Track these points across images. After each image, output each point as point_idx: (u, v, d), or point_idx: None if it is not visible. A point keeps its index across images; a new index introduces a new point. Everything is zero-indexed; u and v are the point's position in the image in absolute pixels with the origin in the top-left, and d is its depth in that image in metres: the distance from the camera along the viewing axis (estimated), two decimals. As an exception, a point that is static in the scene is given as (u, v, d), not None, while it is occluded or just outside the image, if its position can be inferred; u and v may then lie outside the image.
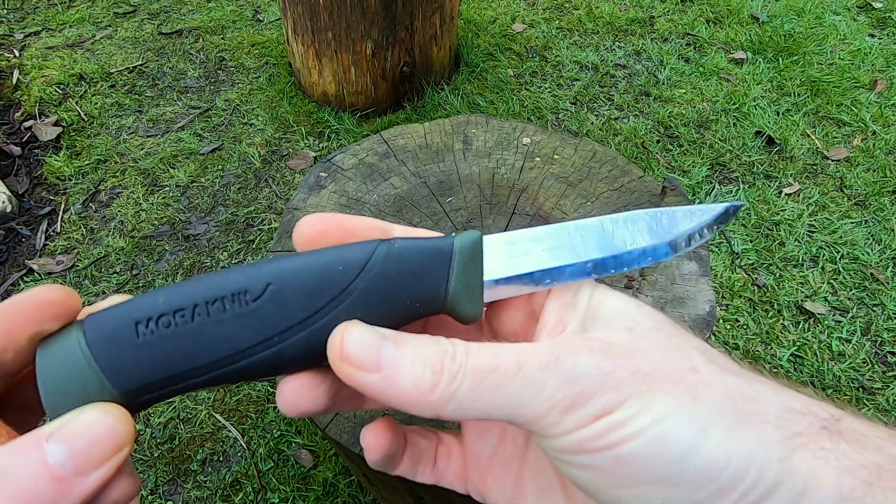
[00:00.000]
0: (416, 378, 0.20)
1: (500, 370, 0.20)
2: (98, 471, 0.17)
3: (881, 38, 2.04)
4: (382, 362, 0.20)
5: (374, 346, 0.21)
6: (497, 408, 0.20)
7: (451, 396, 0.20)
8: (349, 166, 0.76)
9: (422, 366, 0.20)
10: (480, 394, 0.20)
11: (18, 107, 1.80)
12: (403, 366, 0.20)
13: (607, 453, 0.20)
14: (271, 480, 1.05)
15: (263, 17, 2.16)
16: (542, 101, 1.78)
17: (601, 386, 0.20)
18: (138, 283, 1.37)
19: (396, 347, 0.21)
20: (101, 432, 0.17)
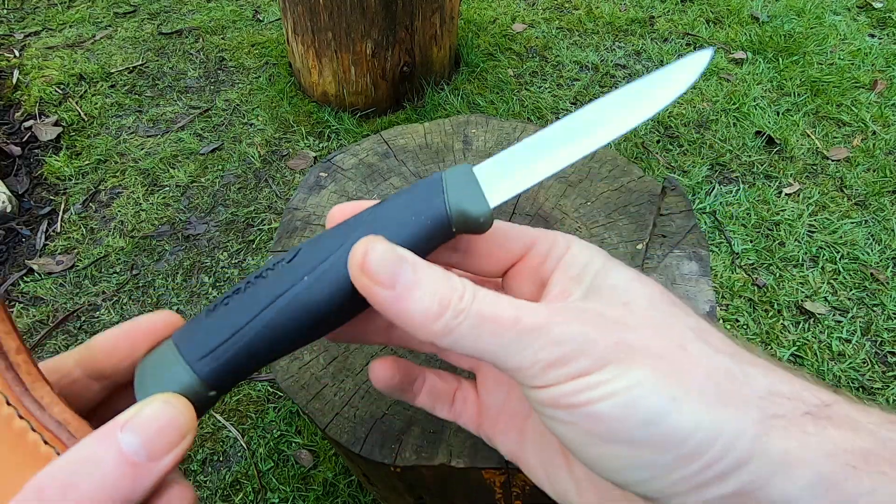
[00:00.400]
0: (423, 306, 0.22)
1: (499, 321, 0.22)
2: (167, 456, 0.19)
3: (881, 38, 2.04)
4: (398, 282, 0.22)
5: (392, 265, 0.22)
6: (487, 352, 0.22)
7: (450, 331, 0.22)
8: (349, 166, 0.76)
9: (431, 296, 0.22)
10: (476, 336, 0.22)
11: (18, 107, 1.80)
12: (415, 291, 0.22)
13: (581, 410, 0.21)
14: (271, 480, 1.06)
15: (263, 17, 2.16)
16: (542, 101, 1.78)
17: (583, 351, 0.22)
18: (138, 283, 1.37)
19: (413, 272, 0.22)
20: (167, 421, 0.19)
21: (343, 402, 0.55)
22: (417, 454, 0.51)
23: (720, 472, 0.20)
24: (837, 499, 0.19)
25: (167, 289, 1.35)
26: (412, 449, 0.51)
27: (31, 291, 1.35)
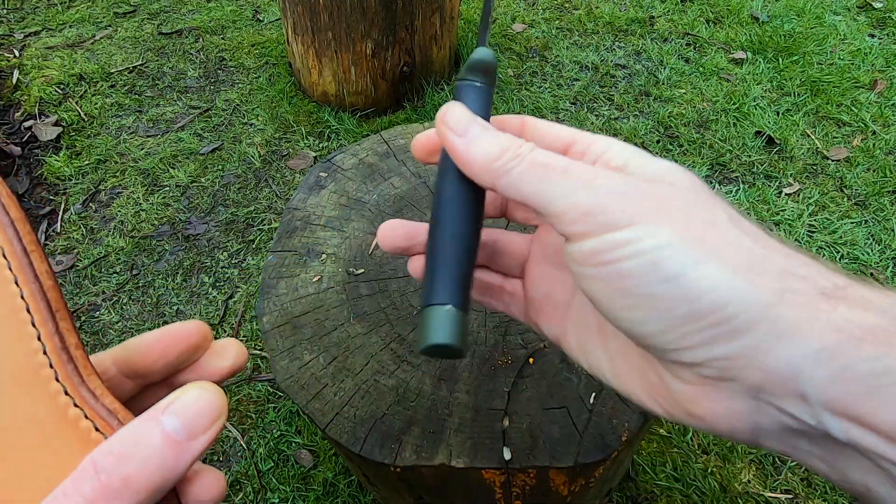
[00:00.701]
0: (487, 148, 0.27)
1: (550, 167, 0.26)
2: (204, 435, 0.21)
3: (881, 38, 2.04)
4: (469, 132, 0.28)
5: (465, 121, 0.28)
6: (536, 194, 0.26)
7: (506, 171, 0.26)
8: (349, 166, 0.76)
9: (494, 142, 0.27)
10: (528, 178, 0.26)
11: (18, 107, 1.80)
12: (481, 139, 0.27)
13: (610, 267, 0.24)
14: (271, 480, 1.05)
15: (263, 17, 2.16)
16: (542, 101, 1.78)
17: (620, 206, 0.24)
18: (138, 283, 1.37)
19: (481, 128, 0.28)
20: (204, 405, 0.21)
21: (343, 402, 0.55)
22: (417, 454, 0.51)
23: (728, 330, 0.22)
24: (838, 365, 0.21)
25: (167, 289, 1.35)
26: (412, 449, 0.51)
27: (31, 291, 1.35)
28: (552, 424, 0.52)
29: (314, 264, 0.66)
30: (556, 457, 0.50)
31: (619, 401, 0.53)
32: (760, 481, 1.03)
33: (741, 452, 1.06)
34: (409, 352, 0.58)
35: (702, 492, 1.01)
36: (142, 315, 1.31)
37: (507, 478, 0.53)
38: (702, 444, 1.07)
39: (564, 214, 0.25)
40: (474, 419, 0.53)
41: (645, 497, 1.01)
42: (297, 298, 0.63)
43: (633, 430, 0.51)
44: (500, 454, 0.51)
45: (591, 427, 0.52)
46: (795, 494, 1.01)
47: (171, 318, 1.30)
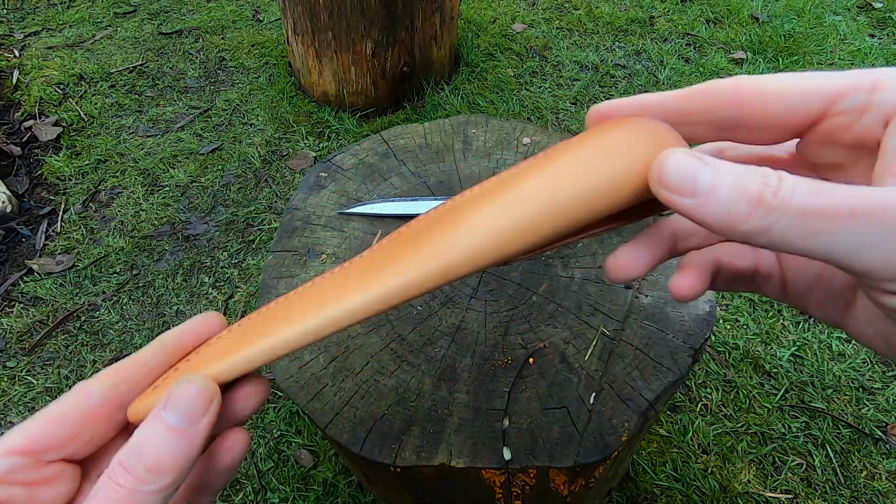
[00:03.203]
0: (730, 207, 0.20)
1: (826, 215, 0.18)
2: (204, 418, 0.24)
3: (881, 39, 2.04)
4: (698, 189, 0.20)
5: (691, 172, 0.21)
6: (818, 253, 0.19)
7: (764, 230, 0.19)
8: (349, 166, 0.76)
9: (738, 195, 0.20)
10: (797, 235, 0.19)
11: (18, 107, 1.80)
12: (716, 195, 0.20)
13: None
14: (271, 480, 1.05)
15: (263, 17, 2.16)
16: (542, 101, 1.78)
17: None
18: (138, 283, 1.37)
19: (714, 175, 0.20)
20: (193, 394, 0.24)
21: (343, 402, 0.55)
22: (417, 454, 0.51)
23: None
24: None
25: (167, 289, 1.35)
26: (412, 449, 0.51)
27: (31, 291, 1.35)
28: (552, 424, 0.52)
29: (314, 264, 0.66)
30: (556, 457, 0.50)
31: (619, 400, 0.53)
32: (760, 481, 1.03)
33: (741, 452, 1.06)
34: (409, 352, 0.58)
35: (702, 492, 1.01)
36: (142, 315, 1.31)
37: (507, 478, 0.53)
38: (702, 444, 1.07)
39: (872, 271, 0.19)
40: (474, 419, 0.53)
41: (645, 497, 1.01)
42: (297, 298, 0.62)
43: (633, 430, 0.51)
44: (500, 454, 0.51)
45: (591, 427, 0.52)
46: (795, 494, 1.01)
47: (171, 317, 1.30)
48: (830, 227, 0.18)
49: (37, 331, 1.28)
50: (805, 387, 1.15)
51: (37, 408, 1.16)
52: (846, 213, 0.18)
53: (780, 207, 0.19)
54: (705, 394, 1.14)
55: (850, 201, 0.18)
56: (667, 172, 0.21)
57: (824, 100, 0.22)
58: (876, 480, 1.03)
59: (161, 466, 0.23)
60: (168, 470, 0.23)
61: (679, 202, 0.21)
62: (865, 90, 0.21)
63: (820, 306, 0.27)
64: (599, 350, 0.57)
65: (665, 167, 0.21)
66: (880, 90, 0.21)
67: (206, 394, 0.25)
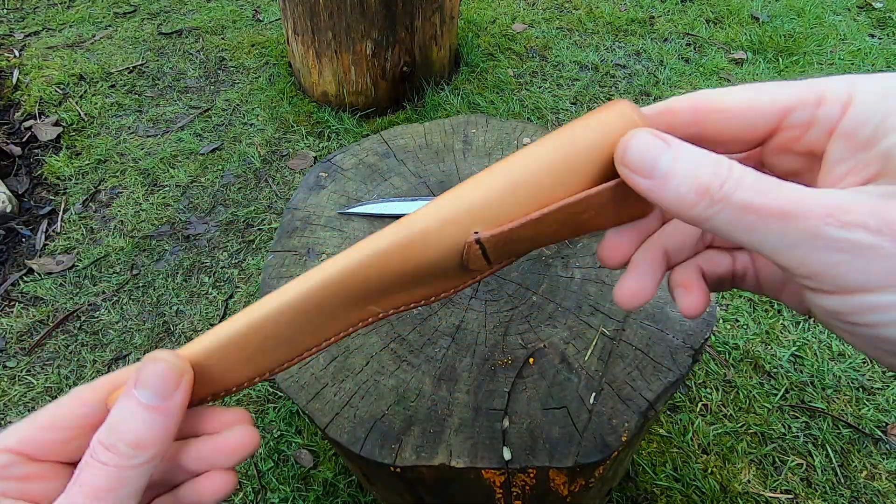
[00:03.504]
0: (680, 194, 0.21)
1: (761, 213, 0.20)
2: (177, 392, 0.25)
3: (881, 39, 2.04)
4: (655, 172, 0.22)
5: (651, 155, 0.22)
6: (751, 244, 0.21)
7: (707, 219, 0.21)
8: (349, 166, 0.76)
9: (688, 184, 0.21)
10: (735, 228, 0.21)
11: (18, 107, 1.80)
12: (671, 180, 0.22)
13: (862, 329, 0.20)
14: (271, 480, 1.05)
15: (263, 17, 2.16)
16: (542, 101, 1.78)
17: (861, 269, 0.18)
18: (138, 283, 1.37)
19: (673, 161, 0.22)
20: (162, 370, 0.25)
21: (343, 402, 0.55)
22: (417, 454, 0.51)
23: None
24: None
25: (167, 289, 1.35)
26: (412, 449, 0.51)
27: (31, 291, 1.35)
28: (552, 424, 0.52)
29: (314, 264, 0.66)
30: (555, 457, 0.50)
31: (619, 400, 0.53)
32: (760, 481, 1.03)
33: (741, 452, 1.06)
34: (409, 352, 0.58)
35: (702, 492, 1.01)
36: (142, 315, 1.31)
37: (507, 478, 0.53)
38: (702, 444, 1.07)
39: (791, 269, 0.20)
40: (474, 419, 0.53)
41: (645, 497, 1.01)
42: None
43: (633, 430, 0.51)
44: (500, 454, 0.51)
45: (591, 427, 0.52)
46: (795, 494, 1.01)
47: (171, 317, 1.30)
48: (762, 225, 0.20)
49: (37, 331, 1.28)
50: (805, 387, 1.15)
51: (37, 408, 1.16)
52: (777, 214, 0.19)
53: (723, 200, 0.20)
54: (705, 394, 1.14)
55: (781, 202, 0.19)
56: (630, 153, 0.23)
57: (773, 116, 0.23)
58: (876, 480, 1.03)
59: (142, 442, 0.24)
60: (150, 444, 0.24)
61: (637, 182, 0.23)
62: (811, 105, 0.23)
63: (792, 298, 0.28)
64: (599, 350, 0.57)
65: (629, 147, 0.23)
66: (823, 105, 0.22)
67: (174, 369, 0.25)
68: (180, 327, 1.29)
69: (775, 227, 0.20)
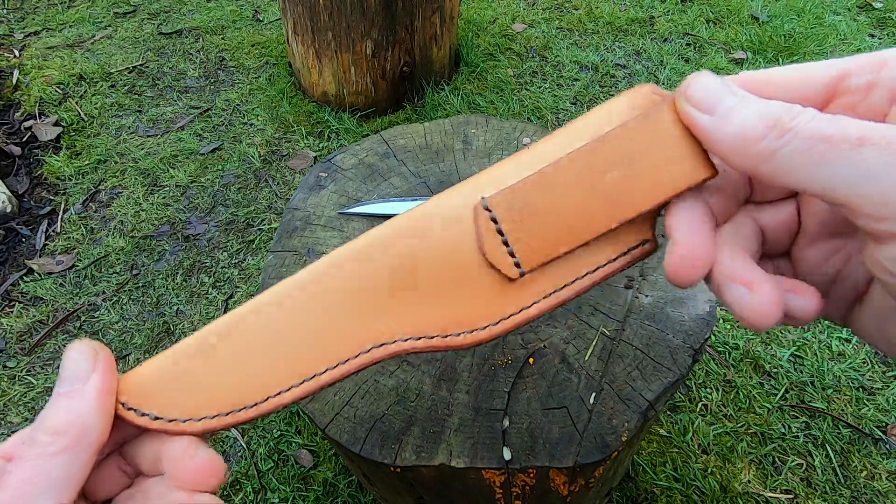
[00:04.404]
0: (746, 125, 0.20)
1: (836, 141, 0.18)
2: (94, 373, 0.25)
3: (881, 39, 2.04)
4: (719, 108, 0.21)
5: (716, 93, 0.21)
6: (816, 181, 0.19)
7: (772, 153, 0.20)
8: (349, 166, 0.76)
9: (755, 116, 0.20)
10: (801, 162, 0.19)
11: (18, 107, 1.80)
12: (737, 112, 0.21)
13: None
14: (271, 480, 1.05)
15: (263, 17, 2.16)
16: (542, 101, 1.78)
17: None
18: (138, 283, 1.37)
19: (739, 101, 0.21)
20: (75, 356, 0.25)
21: (343, 402, 0.55)
22: (417, 454, 0.51)
23: None
24: None
25: (167, 289, 1.35)
26: (412, 449, 0.51)
27: (31, 291, 1.35)
28: (552, 424, 0.52)
29: (314, 264, 0.66)
30: (556, 457, 0.50)
31: (619, 401, 0.53)
32: (760, 481, 1.03)
33: (741, 452, 1.06)
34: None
35: (702, 492, 1.01)
36: (142, 315, 1.31)
37: (507, 478, 0.53)
38: (702, 444, 1.07)
39: (863, 208, 0.18)
40: (474, 419, 0.53)
41: (645, 497, 1.01)
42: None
43: (633, 430, 0.51)
44: (500, 454, 0.51)
45: (591, 427, 0.52)
46: (795, 494, 1.01)
47: (171, 318, 1.30)
48: (836, 154, 0.18)
49: (37, 331, 1.28)
50: (805, 387, 1.15)
51: (37, 408, 1.16)
52: (854, 140, 0.18)
53: (794, 129, 0.19)
54: (705, 394, 1.14)
55: (859, 130, 0.18)
56: (694, 87, 0.22)
57: (829, 80, 0.22)
58: (876, 480, 1.03)
59: (58, 426, 0.23)
60: (65, 428, 0.23)
61: (697, 117, 0.22)
62: (871, 70, 0.22)
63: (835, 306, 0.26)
64: (599, 350, 0.57)
65: (693, 83, 0.22)
66: (887, 68, 0.21)
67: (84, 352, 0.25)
68: (180, 327, 1.29)
69: (851, 156, 0.18)
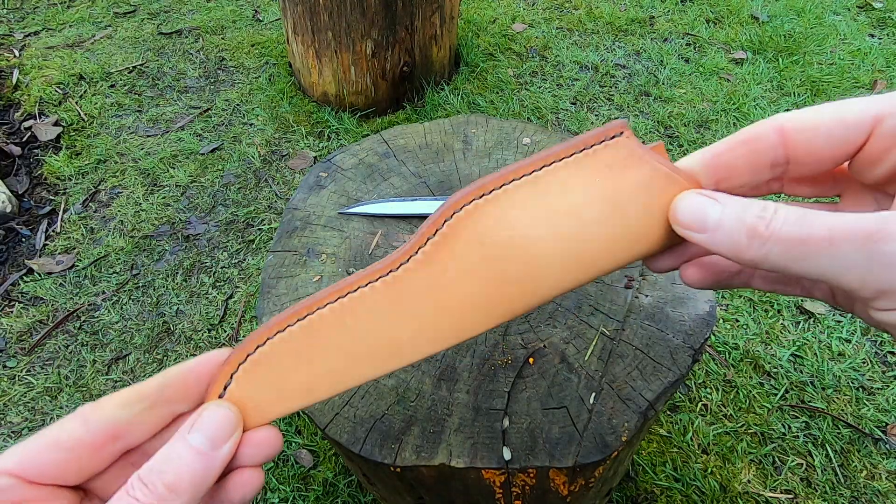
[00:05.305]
0: (733, 240, 0.24)
1: (808, 243, 0.22)
2: (227, 444, 0.25)
3: (881, 38, 2.04)
4: (707, 226, 0.25)
5: (700, 213, 0.25)
6: (806, 273, 0.22)
7: (762, 258, 0.23)
8: (349, 166, 0.76)
9: (738, 230, 0.24)
10: (789, 260, 0.22)
11: (18, 107, 1.80)
12: (723, 229, 0.24)
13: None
14: (271, 480, 1.05)
15: (263, 17, 2.16)
16: (542, 101, 1.78)
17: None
18: (138, 283, 1.37)
19: (721, 212, 0.24)
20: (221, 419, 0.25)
21: (343, 402, 0.55)
22: (417, 454, 0.51)
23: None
24: None
25: (167, 289, 1.35)
26: (412, 449, 0.51)
27: (31, 291, 1.35)
28: (552, 424, 0.52)
29: (314, 264, 0.66)
30: (555, 457, 0.50)
31: (619, 401, 0.53)
32: (760, 481, 1.03)
33: (741, 452, 1.06)
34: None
35: (702, 492, 1.01)
36: (142, 315, 1.31)
37: (507, 478, 0.53)
38: (702, 444, 1.07)
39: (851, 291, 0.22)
40: (474, 419, 0.53)
41: (645, 497, 1.01)
42: (297, 298, 0.62)
43: (633, 429, 0.51)
44: (500, 454, 0.51)
45: (591, 427, 0.52)
46: (795, 494, 1.01)
47: (171, 318, 1.30)
48: (813, 252, 0.21)
49: (37, 331, 1.28)
50: (805, 387, 1.15)
51: (37, 408, 1.16)
52: (824, 240, 0.21)
53: (771, 238, 0.22)
54: (705, 394, 1.14)
55: (825, 230, 0.21)
56: (681, 212, 0.26)
57: (864, 126, 0.24)
58: (876, 480, 1.03)
59: (179, 486, 0.23)
60: (185, 490, 0.23)
61: (694, 237, 0.25)
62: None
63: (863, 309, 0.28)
64: (599, 350, 0.57)
65: (680, 208, 0.26)
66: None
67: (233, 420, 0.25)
68: (180, 327, 1.29)
69: (826, 253, 0.21)
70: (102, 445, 0.25)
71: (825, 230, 0.21)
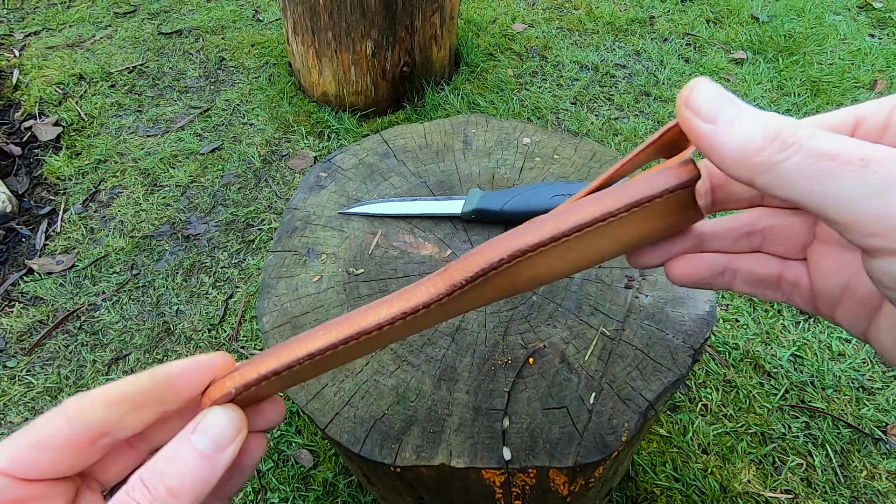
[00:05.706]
0: (746, 136, 0.20)
1: (839, 159, 0.19)
2: (230, 447, 0.25)
3: (881, 38, 2.04)
4: (719, 116, 0.21)
5: (718, 102, 0.21)
6: (815, 195, 0.19)
7: (771, 166, 0.20)
8: (349, 166, 0.76)
9: (759, 126, 0.20)
10: (802, 175, 0.19)
11: (18, 107, 1.80)
12: (738, 122, 0.21)
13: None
14: (271, 480, 1.05)
15: (263, 17, 2.16)
16: (542, 101, 1.78)
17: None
18: (138, 283, 1.37)
19: (739, 111, 0.21)
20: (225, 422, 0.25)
21: (343, 402, 0.55)
22: (417, 454, 0.51)
23: None
24: None
25: (167, 289, 1.35)
26: (412, 449, 0.51)
27: (31, 291, 1.35)
28: (552, 424, 0.52)
29: (314, 264, 0.66)
30: (556, 457, 0.50)
31: (619, 401, 0.53)
32: (760, 481, 1.03)
33: (741, 452, 1.06)
34: (408, 351, 0.58)
35: (702, 492, 1.01)
36: (142, 315, 1.31)
37: (507, 478, 0.53)
38: (702, 444, 1.07)
39: (857, 224, 0.19)
40: (474, 419, 0.53)
41: (645, 497, 1.01)
42: (297, 298, 0.63)
43: (633, 429, 0.51)
44: (500, 454, 0.51)
45: (591, 427, 0.52)
46: (795, 494, 1.01)
47: (171, 318, 1.30)
48: (839, 171, 0.19)
49: (37, 331, 1.28)
50: (805, 387, 1.15)
51: (37, 408, 1.16)
52: (857, 159, 0.18)
53: (797, 144, 0.19)
54: (705, 394, 1.14)
55: (863, 150, 0.19)
56: (696, 95, 0.22)
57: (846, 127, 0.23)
58: (876, 480, 1.03)
59: (182, 490, 0.23)
60: (187, 494, 0.23)
61: (697, 125, 0.21)
62: (885, 111, 0.22)
63: (848, 316, 0.27)
64: (599, 350, 0.57)
65: (695, 91, 0.22)
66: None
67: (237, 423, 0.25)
68: (180, 327, 1.29)
69: (853, 174, 0.18)
70: (90, 444, 0.25)
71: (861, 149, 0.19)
